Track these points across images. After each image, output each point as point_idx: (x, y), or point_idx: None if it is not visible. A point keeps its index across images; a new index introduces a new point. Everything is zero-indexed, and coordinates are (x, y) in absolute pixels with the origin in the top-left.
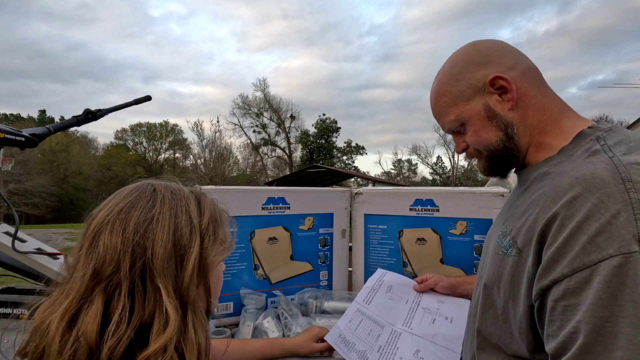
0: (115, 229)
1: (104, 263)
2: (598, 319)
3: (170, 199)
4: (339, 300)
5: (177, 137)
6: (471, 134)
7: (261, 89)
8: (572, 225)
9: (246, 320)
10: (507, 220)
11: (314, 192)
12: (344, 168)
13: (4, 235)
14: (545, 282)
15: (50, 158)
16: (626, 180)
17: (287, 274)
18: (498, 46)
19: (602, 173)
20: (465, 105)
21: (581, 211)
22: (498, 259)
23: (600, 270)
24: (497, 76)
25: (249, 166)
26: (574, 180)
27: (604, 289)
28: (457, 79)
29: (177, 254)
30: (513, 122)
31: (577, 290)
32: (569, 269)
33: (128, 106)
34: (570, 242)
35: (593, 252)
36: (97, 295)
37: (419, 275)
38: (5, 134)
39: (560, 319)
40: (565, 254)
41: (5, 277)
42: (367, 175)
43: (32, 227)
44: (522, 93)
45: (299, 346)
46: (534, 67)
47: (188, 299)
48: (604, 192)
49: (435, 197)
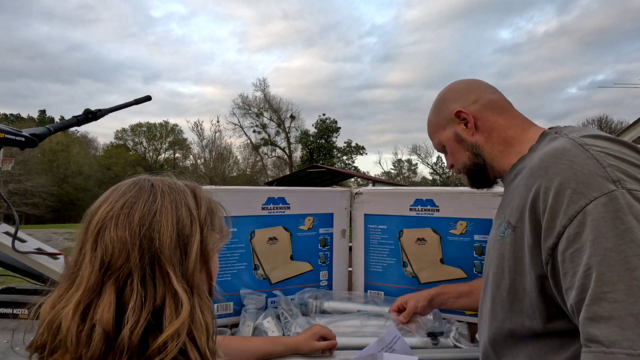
0: (120, 223)
1: (113, 256)
2: (604, 249)
3: (169, 192)
4: (339, 300)
5: (177, 137)
6: (450, 154)
7: (261, 89)
8: (554, 186)
9: (246, 320)
10: (499, 215)
11: (314, 192)
12: (344, 168)
13: (4, 235)
14: (551, 241)
15: (50, 158)
16: (584, 145)
17: (287, 274)
18: (467, 85)
19: (563, 144)
20: (442, 132)
21: (558, 173)
22: (498, 245)
23: (590, 210)
24: (459, 110)
25: (249, 166)
26: (542, 155)
27: (600, 224)
28: (438, 113)
29: (181, 243)
30: (477, 144)
31: (577, 234)
32: (566, 219)
33: (128, 106)
34: (559, 198)
35: (580, 199)
36: (108, 286)
37: (419, 275)
38: (5, 134)
39: (572, 267)
40: (559, 209)
41: (5, 277)
42: (367, 175)
43: (32, 227)
44: (484, 120)
45: (300, 344)
46: (496, 98)
47: (193, 283)
48: (571, 155)
49: (435, 197)
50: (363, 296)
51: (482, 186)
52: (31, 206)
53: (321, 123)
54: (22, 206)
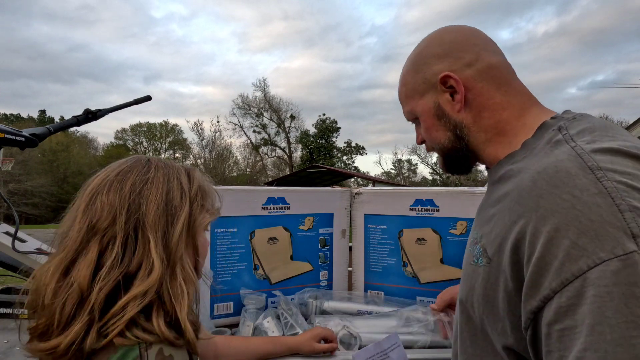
0: (112, 188)
1: (101, 218)
2: (607, 344)
3: (164, 167)
4: (339, 300)
5: (177, 137)
6: (424, 129)
7: (261, 89)
8: (547, 229)
9: (246, 320)
10: (477, 224)
11: (314, 192)
12: (344, 168)
13: (4, 235)
14: (534, 303)
15: (50, 158)
16: (595, 169)
17: (287, 274)
18: (461, 37)
19: (566, 165)
20: (419, 100)
21: (554, 211)
22: (470, 270)
23: (592, 278)
24: (447, 74)
25: (249, 166)
26: (536, 175)
27: (605, 304)
28: (416, 71)
29: (168, 213)
30: (463, 123)
31: (571, 307)
32: (557, 282)
33: (128, 106)
34: (551, 249)
35: (580, 258)
36: (92, 245)
37: (419, 275)
38: (5, 134)
39: (558, 349)
40: (549, 265)
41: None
42: (367, 175)
43: (32, 227)
44: (477, 93)
45: (301, 344)
46: (498, 62)
47: (177, 253)
48: (574, 186)
49: (435, 197)
50: (363, 296)
51: (459, 172)
52: (31, 206)
53: (321, 123)
54: (22, 206)
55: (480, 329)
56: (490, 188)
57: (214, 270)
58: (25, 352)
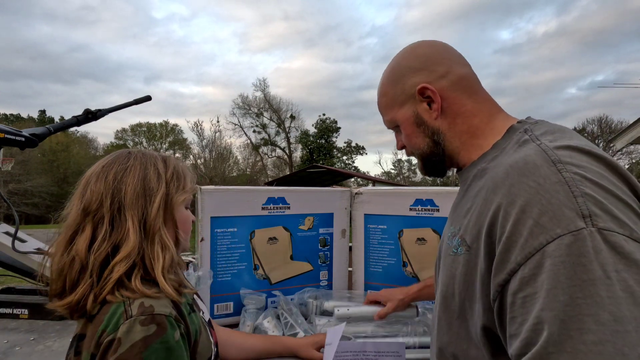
0: (99, 178)
1: (91, 202)
2: (559, 303)
3: (142, 157)
4: (339, 300)
5: (177, 137)
6: (404, 136)
7: (261, 89)
8: (515, 211)
9: (246, 320)
10: (454, 220)
11: (314, 192)
12: (344, 168)
13: (4, 235)
14: (502, 277)
15: (50, 158)
16: (556, 162)
17: (287, 274)
18: (434, 52)
19: (533, 158)
20: (399, 110)
21: (521, 196)
22: (450, 261)
23: (550, 251)
24: (424, 86)
25: (249, 166)
26: (508, 167)
27: (559, 271)
28: (395, 82)
29: (146, 194)
30: (440, 130)
31: (532, 277)
32: (522, 256)
33: (128, 106)
34: (517, 228)
35: (540, 234)
36: (87, 225)
37: (420, 275)
38: (6, 134)
39: (521, 313)
40: (516, 242)
41: (5, 277)
42: (367, 175)
43: (32, 227)
44: (451, 102)
45: (300, 347)
46: (467, 74)
47: (155, 226)
48: (539, 175)
49: (435, 197)
50: (363, 296)
51: (436, 175)
52: (31, 206)
53: (321, 123)
54: (22, 206)
55: (457, 316)
56: (465, 186)
57: (214, 270)
58: (49, 308)
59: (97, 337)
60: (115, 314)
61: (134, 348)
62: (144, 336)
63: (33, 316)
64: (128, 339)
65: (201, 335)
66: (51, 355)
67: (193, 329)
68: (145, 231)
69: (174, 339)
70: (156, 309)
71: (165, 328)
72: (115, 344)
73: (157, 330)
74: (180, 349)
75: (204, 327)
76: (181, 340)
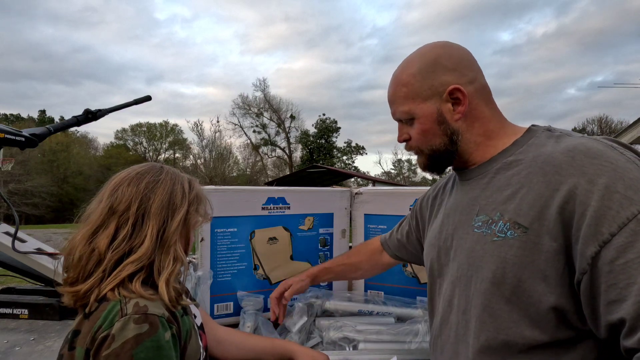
0: (132, 183)
1: (120, 203)
2: None
3: (172, 174)
4: (339, 300)
5: (177, 137)
6: (418, 131)
7: (261, 89)
8: (599, 188)
9: (246, 321)
10: (484, 209)
11: (314, 192)
12: (344, 168)
13: (4, 235)
14: (594, 249)
15: (50, 158)
16: (616, 147)
17: (287, 274)
18: (466, 57)
19: (593, 144)
20: (421, 104)
21: (600, 174)
22: (494, 246)
23: None
24: (457, 87)
25: (249, 166)
26: (569, 152)
27: None
28: (423, 77)
29: (170, 208)
30: (459, 131)
31: (630, 244)
32: (614, 226)
33: (128, 106)
34: (604, 202)
35: (631, 205)
36: (111, 222)
37: (419, 275)
38: (6, 134)
39: (624, 279)
40: (604, 215)
41: (5, 277)
42: (367, 175)
43: (32, 227)
44: (473, 107)
45: (300, 353)
46: (486, 84)
47: (172, 239)
48: (608, 156)
49: None
50: (363, 296)
51: (437, 172)
52: (31, 206)
53: (321, 123)
54: (22, 206)
55: (506, 301)
56: (484, 179)
57: (214, 270)
58: (58, 290)
59: (93, 332)
60: (112, 311)
61: (125, 345)
62: (136, 334)
63: (33, 316)
64: (121, 335)
65: (191, 339)
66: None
67: (184, 331)
68: (162, 241)
69: (164, 338)
70: (150, 309)
71: (157, 328)
72: (109, 339)
73: (149, 329)
74: (169, 349)
75: (195, 330)
76: (171, 341)
